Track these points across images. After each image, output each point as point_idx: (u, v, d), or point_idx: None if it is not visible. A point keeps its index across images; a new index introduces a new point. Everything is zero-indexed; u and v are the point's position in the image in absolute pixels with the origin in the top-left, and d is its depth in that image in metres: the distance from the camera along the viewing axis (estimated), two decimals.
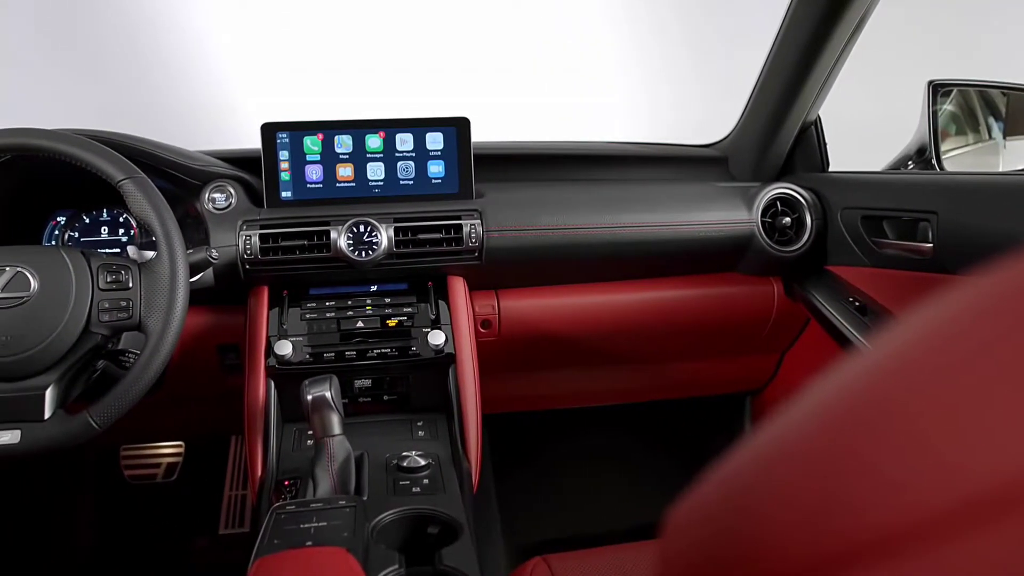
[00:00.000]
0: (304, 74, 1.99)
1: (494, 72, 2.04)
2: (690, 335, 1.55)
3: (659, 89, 2.29)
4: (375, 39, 2.00)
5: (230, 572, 1.69)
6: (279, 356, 1.20)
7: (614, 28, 2.25)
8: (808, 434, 0.27)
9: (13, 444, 0.99)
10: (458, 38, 2.04)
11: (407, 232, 1.26)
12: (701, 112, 2.06)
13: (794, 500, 0.25)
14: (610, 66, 2.28)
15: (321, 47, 1.99)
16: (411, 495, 1.03)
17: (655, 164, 1.58)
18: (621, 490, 1.93)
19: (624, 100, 2.31)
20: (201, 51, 2.01)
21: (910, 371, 0.24)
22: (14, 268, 1.02)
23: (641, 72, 2.29)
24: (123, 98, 2.01)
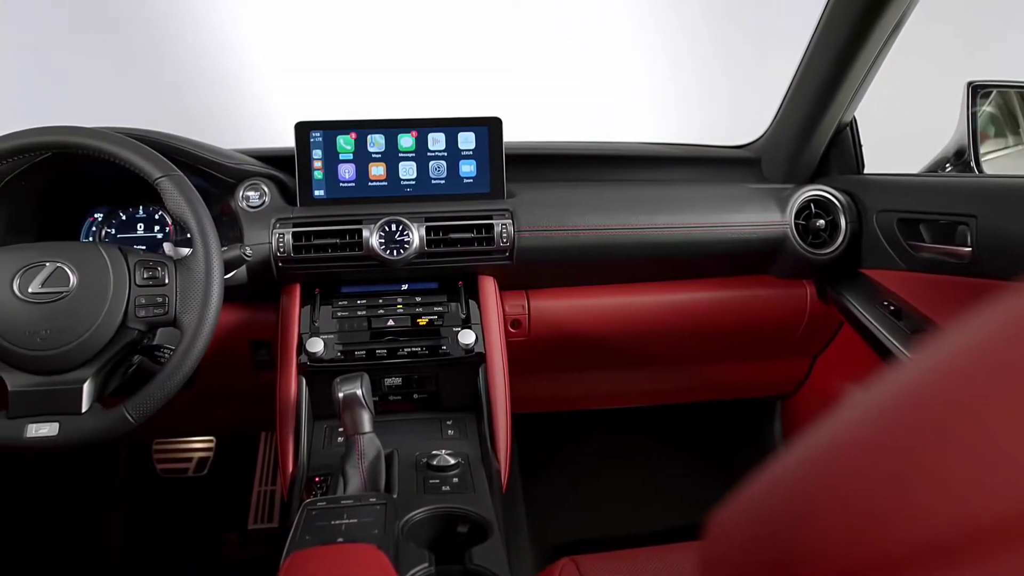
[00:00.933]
0: (336, 74, 2.00)
1: (525, 72, 2.04)
2: (721, 338, 1.53)
3: (689, 91, 2.28)
4: (407, 39, 2.01)
5: (259, 567, 1.70)
6: (311, 353, 1.21)
7: (644, 30, 2.24)
8: (866, 437, 0.26)
9: (52, 436, 1.01)
10: (490, 38, 2.04)
11: (438, 231, 1.27)
12: (730, 114, 2.05)
13: (849, 503, 0.25)
14: (640, 67, 2.27)
15: (353, 47, 2.00)
16: (441, 494, 1.03)
17: (687, 165, 1.57)
18: (648, 492, 1.92)
19: (653, 101, 2.30)
20: (234, 52, 2.03)
21: (979, 372, 0.23)
22: (54, 264, 1.04)
23: (671, 74, 2.28)
24: (156, 97, 2.04)
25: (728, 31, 2.26)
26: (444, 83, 1.98)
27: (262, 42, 2.04)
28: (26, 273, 1.03)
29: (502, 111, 1.35)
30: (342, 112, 1.34)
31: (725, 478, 1.95)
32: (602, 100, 2.19)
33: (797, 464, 0.30)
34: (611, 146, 1.57)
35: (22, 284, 1.02)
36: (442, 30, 2.03)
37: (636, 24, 2.23)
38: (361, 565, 0.77)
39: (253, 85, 2.05)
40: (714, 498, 1.42)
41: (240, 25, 2.03)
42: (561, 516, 1.85)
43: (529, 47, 2.10)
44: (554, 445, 1.91)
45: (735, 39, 2.26)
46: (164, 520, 1.87)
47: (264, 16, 2.03)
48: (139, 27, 2.00)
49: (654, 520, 1.85)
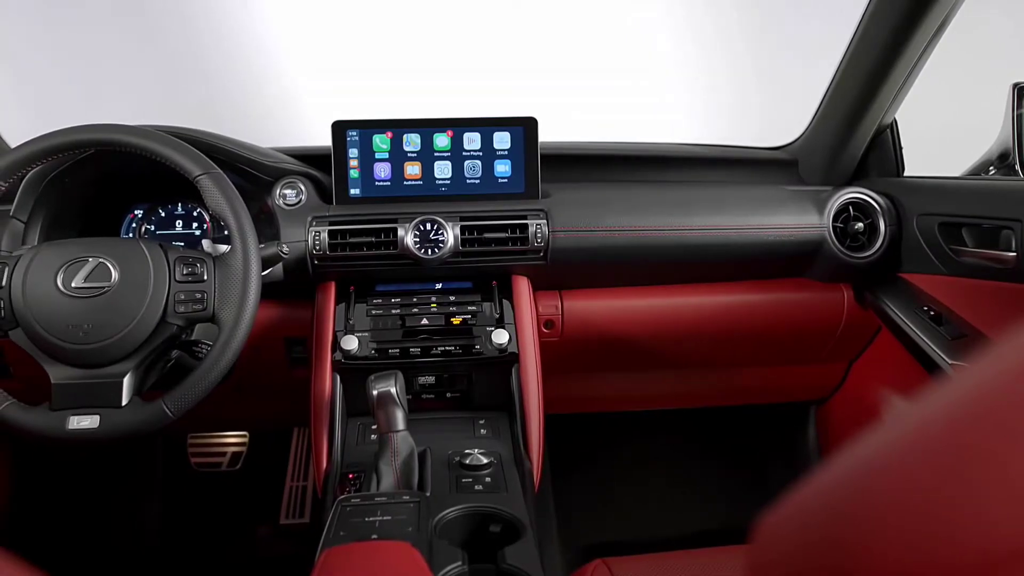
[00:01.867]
0: (370, 75, 2.01)
1: (558, 72, 2.04)
2: (754, 341, 1.52)
3: (720, 92, 2.26)
4: (441, 39, 2.02)
5: (290, 562, 1.72)
6: (345, 351, 1.22)
7: (676, 31, 2.23)
8: (932, 442, 0.26)
9: (93, 429, 1.03)
10: (523, 38, 2.04)
11: (473, 231, 1.27)
12: (761, 117, 2.03)
13: (913, 509, 0.24)
14: (672, 68, 2.26)
15: (387, 47, 2.01)
16: (473, 493, 1.03)
17: (722, 166, 1.56)
18: (678, 496, 1.91)
19: (685, 102, 2.28)
20: (267, 52, 2.05)
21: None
22: (96, 259, 1.06)
23: (703, 75, 2.26)
24: (189, 96, 2.07)
25: (761, 33, 2.23)
26: (478, 83, 1.98)
27: (296, 42, 2.06)
28: (70, 268, 1.05)
29: (536, 111, 1.35)
30: (377, 112, 1.35)
31: (756, 483, 1.94)
32: (635, 100, 2.17)
33: (853, 469, 0.30)
34: (645, 146, 1.56)
35: (66, 279, 1.04)
36: (476, 30, 2.04)
37: (668, 25, 2.22)
38: (395, 562, 0.78)
39: (286, 85, 2.06)
40: (744, 503, 1.42)
41: (273, 25, 2.04)
42: (590, 517, 1.85)
43: (563, 47, 2.10)
44: (584, 446, 1.91)
45: (768, 40, 2.23)
46: (198, 513, 1.89)
47: (298, 16, 2.05)
48: (173, 27, 2.03)
49: (684, 524, 1.84)
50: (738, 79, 2.22)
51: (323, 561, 0.78)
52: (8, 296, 1.04)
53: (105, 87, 2.04)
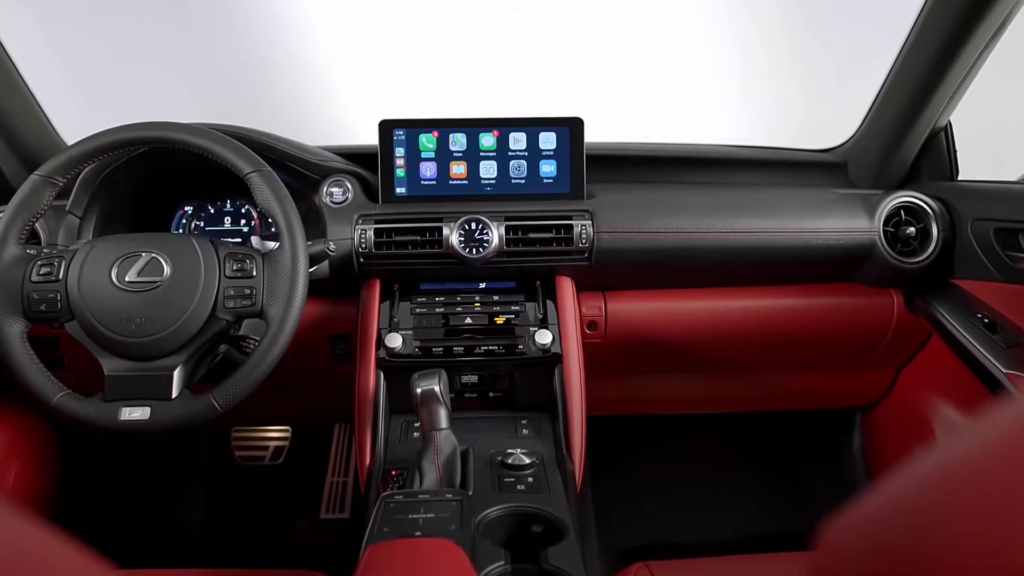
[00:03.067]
0: (415, 74, 2.02)
1: (603, 73, 2.03)
2: (801, 346, 1.50)
3: (762, 94, 2.23)
4: (483, 38, 2.02)
5: (329, 556, 1.74)
6: (389, 348, 1.23)
7: (719, 31, 2.21)
8: (1010, 448, 0.25)
9: (144, 420, 1.05)
10: (568, 39, 2.03)
11: (518, 231, 1.27)
12: (802, 118, 2.00)
13: (993, 517, 0.24)
14: (712, 68, 2.23)
15: (432, 47, 2.02)
16: (516, 492, 1.03)
17: (768, 168, 1.54)
18: (718, 501, 1.89)
19: (725, 102, 2.25)
20: (314, 50, 2.07)
21: None
22: (149, 254, 1.08)
23: (743, 75, 2.23)
24: (241, 95, 2.10)
25: (803, 33, 2.20)
26: (521, 82, 1.98)
27: (341, 42, 2.08)
28: (124, 262, 1.07)
29: (580, 111, 1.35)
30: (421, 112, 1.36)
31: (797, 490, 1.91)
32: (675, 99, 2.16)
33: (928, 477, 0.29)
34: (691, 148, 1.55)
35: (120, 273, 1.07)
36: (519, 30, 2.04)
37: (713, 27, 2.20)
38: (439, 560, 0.78)
39: (331, 85, 2.08)
40: (786, 510, 1.40)
41: (319, 25, 2.06)
42: (628, 520, 1.84)
43: (607, 47, 2.09)
44: (624, 448, 1.90)
45: (811, 40, 2.20)
46: (240, 505, 1.92)
47: (344, 16, 2.07)
48: (222, 27, 2.06)
49: (723, 529, 1.82)
50: (779, 79, 2.19)
51: (368, 556, 0.79)
52: (64, 289, 1.07)
53: (155, 86, 2.08)
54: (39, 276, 1.07)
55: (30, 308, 1.07)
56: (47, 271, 1.08)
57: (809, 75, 2.12)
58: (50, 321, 1.08)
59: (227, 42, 2.06)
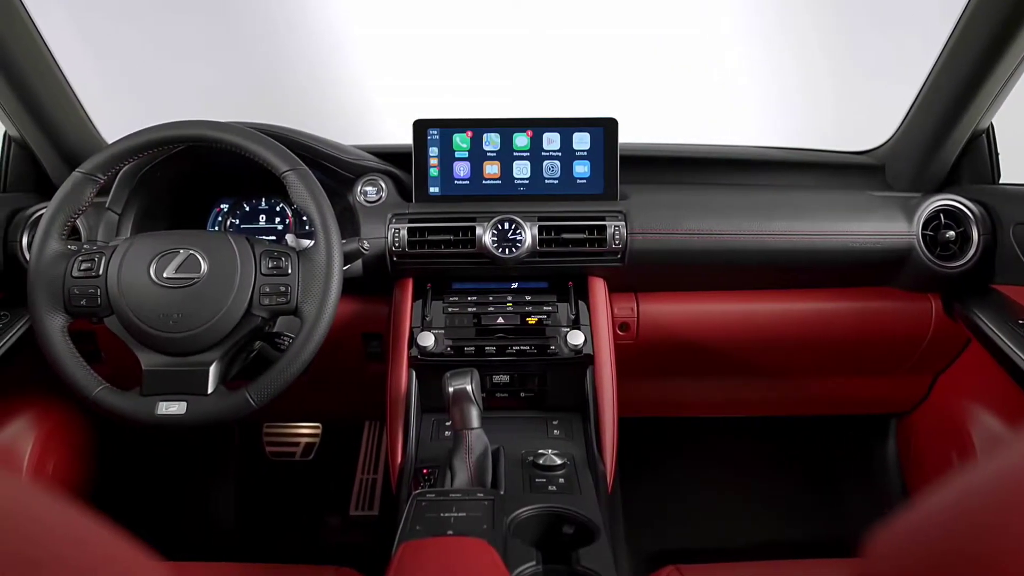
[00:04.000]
0: (447, 74, 2.03)
1: (635, 73, 2.02)
2: (835, 350, 1.48)
3: (792, 92, 2.20)
4: (517, 39, 2.02)
5: (358, 552, 1.75)
6: (421, 347, 1.23)
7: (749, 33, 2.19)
8: None
9: (180, 415, 1.06)
10: (602, 40, 2.03)
11: (551, 231, 1.27)
12: (833, 119, 1.98)
13: None
14: (748, 71, 2.21)
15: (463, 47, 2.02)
16: (547, 493, 1.03)
17: (804, 170, 1.53)
18: (748, 505, 1.87)
19: (760, 105, 2.23)
20: (346, 50, 2.08)
21: None
22: (187, 251, 1.10)
23: (774, 75, 2.21)
24: (273, 94, 2.12)
25: (835, 35, 2.17)
26: (550, 82, 1.98)
27: (373, 42, 2.09)
28: (162, 259, 1.09)
29: (612, 111, 1.34)
30: (453, 112, 1.36)
31: (829, 496, 1.88)
32: (704, 99, 2.14)
33: (986, 481, 0.29)
34: (726, 149, 1.53)
35: (158, 269, 1.08)
36: (549, 30, 2.03)
37: (740, 25, 2.18)
38: (472, 559, 0.78)
39: (363, 85, 2.10)
40: (817, 515, 1.38)
41: (351, 25, 2.08)
42: (657, 522, 1.83)
43: (640, 47, 2.08)
44: (655, 450, 1.89)
45: (843, 42, 2.17)
46: (271, 500, 1.94)
47: (376, 16, 2.08)
48: (257, 28, 2.08)
49: (753, 533, 1.81)
50: (810, 79, 2.16)
51: (401, 554, 0.79)
52: (104, 284, 1.08)
53: (191, 85, 2.10)
54: (80, 272, 1.09)
55: (71, 303, 1.09)
56: (87, 267, 1.09)
57: (839, 77, 2.10)
58: (90, 316, 1.10)
59: (262, 42, 2.09)
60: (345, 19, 2.07)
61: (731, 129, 2.15)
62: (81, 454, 1.62)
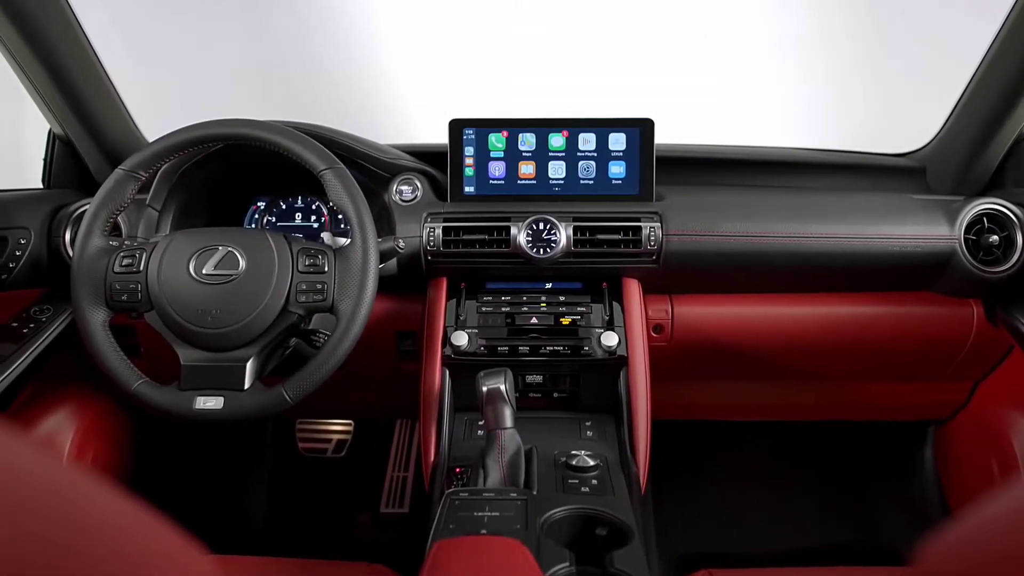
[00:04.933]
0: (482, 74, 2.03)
1: (673, 74, 2.01)
2: (873, 355, 1.45)
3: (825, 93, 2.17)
4: (553, 38, 2.02)
5: (388, 549, 1.76)
6: (455, 346, 1.23)
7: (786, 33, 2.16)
8: None
9: (217, 409, 1.07)
10: (640, 40, 2.02)
11: (586, 232, 1.26)
12: (865, 120, 1.95)
13: None
14: (775, 68, 2.19)
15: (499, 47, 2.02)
16: (580, 494, 1.03)
17: (842, 172, 1.51)
18: (780, 510, 1.85)
19: (788, 102, 2.21)
20: (380, 50, 2.10)
21: None
22: (226, 248, 1.11)
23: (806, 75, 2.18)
24: (308, 93, 2.13)
25: (869, 34, 2.14)
26: (582, 82, 1.97)
27: (407, 42, 2.10)
28: (201, 255, 1.10)
29: (648, 112, 1.34)
30: (485, 111, 1.36)
31: (866, 503, 1.85)
32: (735, 99, 2.12)
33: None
34: (762, 151, 1.52)
35: (197, 265, 1.10)
36: (581, 30, 2.03)
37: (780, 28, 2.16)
38: (506, 558, 0.78)
39: (395, 85, 2.11)
40: (852, 522, 1.36)
41: (385, 24, 2.09)
42: (688, 526, 1.81)
43: (678, 48, 2.07)
44: (687, 453, 1.87)
45: (876, 41, 2.14)
46: (303, 496, 1.96)
47: (410, 16, 2.09)
48: (292, 29, 2.10)
49: (786, 539, 1.79)
50: (843, 80, 2.13)
51: (435, 552, 0.79)
52: (145, 280, 1.10)
53: (228, 84, 2.13)
54: (121, 267, 1.11)
55: (112, 298, 1.10)
56: (129, 262, 1.11)
57: (874, 78, 2.07)
58: (130, 311, 1.12)
59: (297, 42, 2.10)
60: (379, 18, 2.08)
61: (765, 130, 2.13)
62: (118, 447, 1.65)
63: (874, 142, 1.59)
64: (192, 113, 1.22)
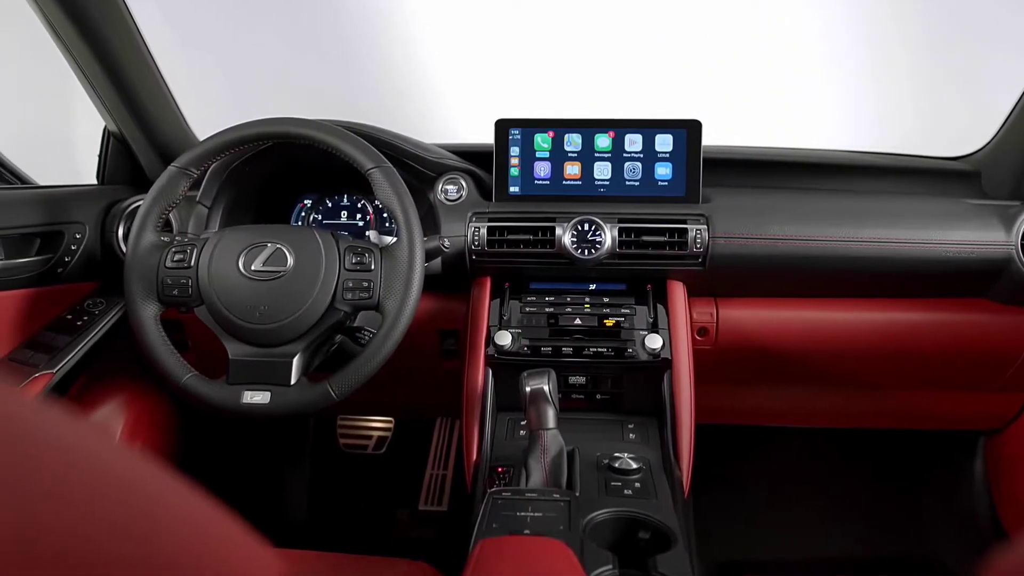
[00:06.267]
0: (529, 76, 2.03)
1: (719, 74, 1.99)
2: (922, 363, 1.42)
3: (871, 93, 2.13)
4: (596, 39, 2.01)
5: (426, 547, 1.77)
6: (498, 346, 1.23)
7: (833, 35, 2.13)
8: None
9: (264, 404, 1.09)
10: (685, 41, 2.00)
11: (631, 233, 1.26)
12: (913, 122, 1.91)
13: None
14: (820, 68, 2.16)
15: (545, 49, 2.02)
16: (623, 497, 1.02)
17: (893, 176, 1.48)
18: (825, 518, 1.82)
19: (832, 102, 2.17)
20: (429, 51, 2.11)
21: None
22: (275, 245, 1.12)
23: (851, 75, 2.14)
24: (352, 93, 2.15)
25: (917, 34, 2.10)
26: (624, 82, 1.96)
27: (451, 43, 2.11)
28: (250, 252, 1.12)
29: (696, 113, 1.33)
30: (535, 111, 1.36)
31: (911, 513, 1.81)
32: (779, 99, 2.09)
33: None
34: (810, 153, 1.50)
35: (246, 262, 1.11)
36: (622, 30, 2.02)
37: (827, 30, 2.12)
38: (551, 559, 0.78)
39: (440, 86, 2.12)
40: (896, 532, 1.33)
41: (428, 24, 2.10)
42: (728, 532, 1.79)
43: (723, 50, 2.05)
44: (730, 458, 1.85)
45: (925, 43, 2.10)
46: (342, 491, 1.97)
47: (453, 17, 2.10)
48: (336, 29, 2.12)
49: (829, 547, 1.76)
50: (890, 81, 2.09)
51: (479, 551, 0.79)
52: (195, 275, 1.12)
53: (272, 84, 2.16)
54: (173, 263, 1.13)
55: (164, 292, 1.13)
56: (180, 258, 1.13)
57: (922, 80, 2.03)
58: (181, 305, 1.14)
59: (341, 42, 2.12)
60: (426, 18, 2.09)
61: (813, 132, 2.10)
62: (165, 438, 1.68)
63: (924, 145, 1.56)
64: (241, 112, 1.24)
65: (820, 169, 1.47)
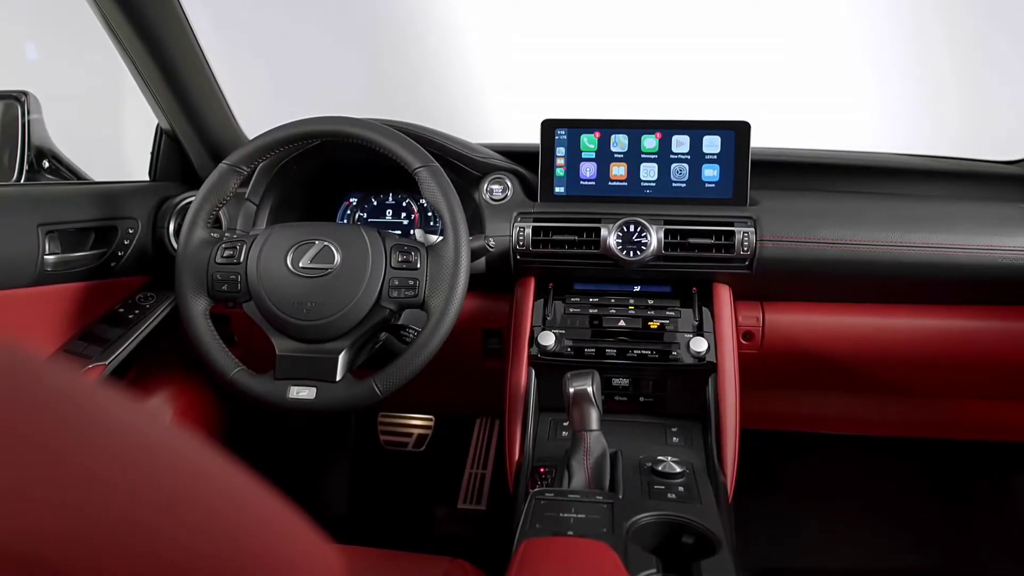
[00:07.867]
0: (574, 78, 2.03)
1: (769, 75, 1.97)
2: (975, 372, 1.39)
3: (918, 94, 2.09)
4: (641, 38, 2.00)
5: (464, 544, 1.77)
6: (542, 346, 1.23)
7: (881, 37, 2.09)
8: None
9: (309, 400, 1.10)
10: (733, 40, 1.98)
11: (677, 235, 1.24)
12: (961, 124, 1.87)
13: None
14: (866, 68, 2.12)
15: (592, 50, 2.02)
16: (666, 500, 1.01)
17: (946, 180, 1.44)
18: (870, 528, 1.79)
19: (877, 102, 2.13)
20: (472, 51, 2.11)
21: None
22: (322, 242, 1.14)
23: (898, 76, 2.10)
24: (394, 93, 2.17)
25: (970, 37, 2.05)
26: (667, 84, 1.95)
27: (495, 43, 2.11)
28: (298, 249, 1.14)
29: (743, 115, 1.31)
30: (575, 112, 1.35)
31: (961, 526, 1.77)
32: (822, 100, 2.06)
33: None
34: (860, 156, 1.47)
35: (294, 259, 1.13)
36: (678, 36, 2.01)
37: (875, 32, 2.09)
38: (595, 561, 0.77)
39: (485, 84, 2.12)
40: (945, 545, 1.30)
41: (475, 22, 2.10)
42: (770, 539, 1.77)
43: (772, 52, 2.02)
44: (773, 464, 1.83)
45: (975, 45, 2.05)
46: (383, 487, 1.99)
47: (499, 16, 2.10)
48: (381, 30, 2.14)
49: (870, 559, 1.73)
50: (939, 82, 2.05)
51: (523, 551, 0.79)
52: (244, 271, 1.14)
53: (319, 83, 2.18)
54: (222, 258, 1.15)
55: (213, 287, 1.15)
56: (229, 254, 1.15)
57: (973, 82, 1.99)
58: (229, 300, 1.16)
59: (387, 46, 2.14)
60: (470, 19, 2.10)
61: (863, 135, 2.06)
62: (211, 431, 1.71)
63: (971, 148, 1.52)
64: (288, 111, 1.25)
65: (869, 172, 1.44)
